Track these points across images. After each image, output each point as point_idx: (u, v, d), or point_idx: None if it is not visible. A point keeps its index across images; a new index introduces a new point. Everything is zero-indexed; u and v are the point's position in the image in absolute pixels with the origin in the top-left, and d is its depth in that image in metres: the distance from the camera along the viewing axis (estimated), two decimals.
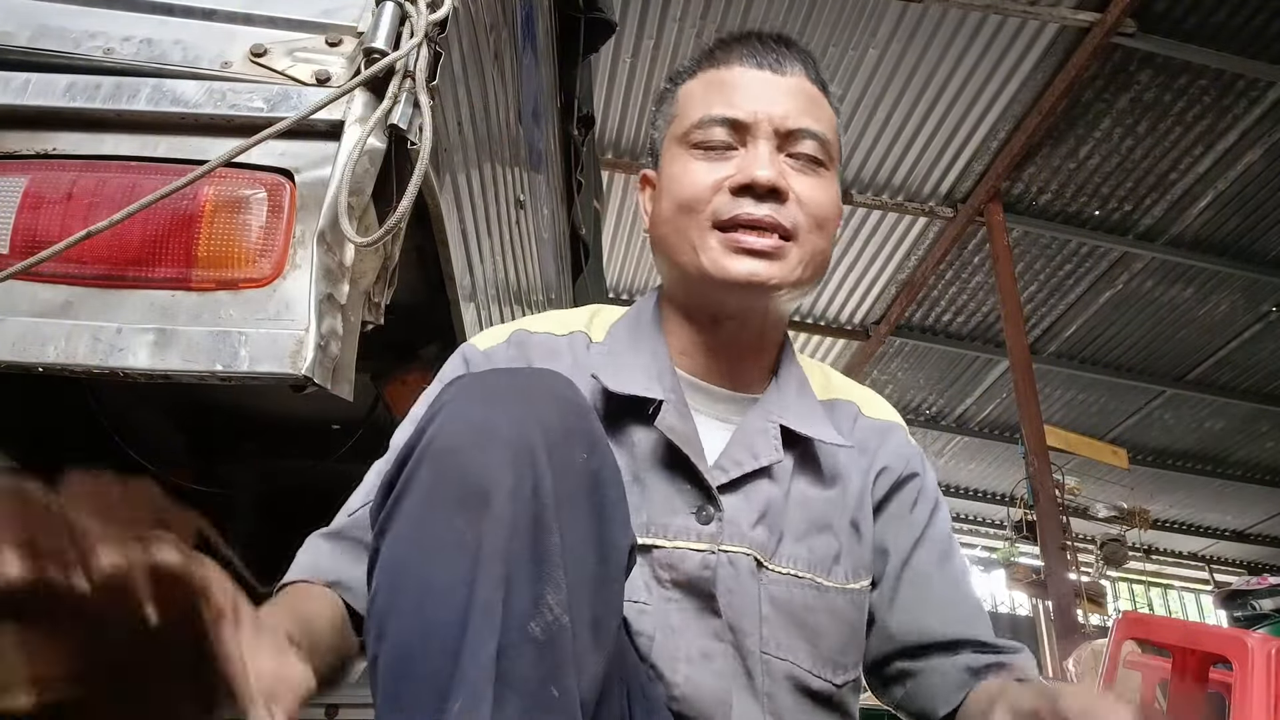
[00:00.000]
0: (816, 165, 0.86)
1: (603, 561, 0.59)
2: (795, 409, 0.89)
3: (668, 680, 0.77)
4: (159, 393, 1.44)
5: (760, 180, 0.82)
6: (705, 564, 0.80)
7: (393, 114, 0.83)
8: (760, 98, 0.86)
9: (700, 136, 0.86)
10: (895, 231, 7.22)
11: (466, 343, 0.94)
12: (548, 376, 0.65)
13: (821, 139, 0.86)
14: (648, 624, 0.78)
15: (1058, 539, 6.03)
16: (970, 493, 11.41)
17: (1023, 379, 6.47)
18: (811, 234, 0.85)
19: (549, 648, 0.53)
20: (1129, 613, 3.54)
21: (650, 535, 0.81)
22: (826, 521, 0.87)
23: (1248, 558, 12.41)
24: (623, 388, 0.84)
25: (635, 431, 0.85)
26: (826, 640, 0.83)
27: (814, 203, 0.85)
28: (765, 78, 0.87)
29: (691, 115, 0.88)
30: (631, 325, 0.94)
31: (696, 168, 0.86)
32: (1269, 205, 6.51)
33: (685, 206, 0.85)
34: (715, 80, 0.89)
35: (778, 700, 0.80)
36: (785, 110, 0.85)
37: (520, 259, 1.84)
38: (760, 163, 0.83)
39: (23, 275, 0.75)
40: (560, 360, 0.89)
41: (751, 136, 0.85)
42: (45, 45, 0.85)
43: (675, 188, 0.87)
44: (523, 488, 0.55)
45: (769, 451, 0.84)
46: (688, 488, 0.82)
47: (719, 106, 0.86)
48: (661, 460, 0.84)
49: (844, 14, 5.45)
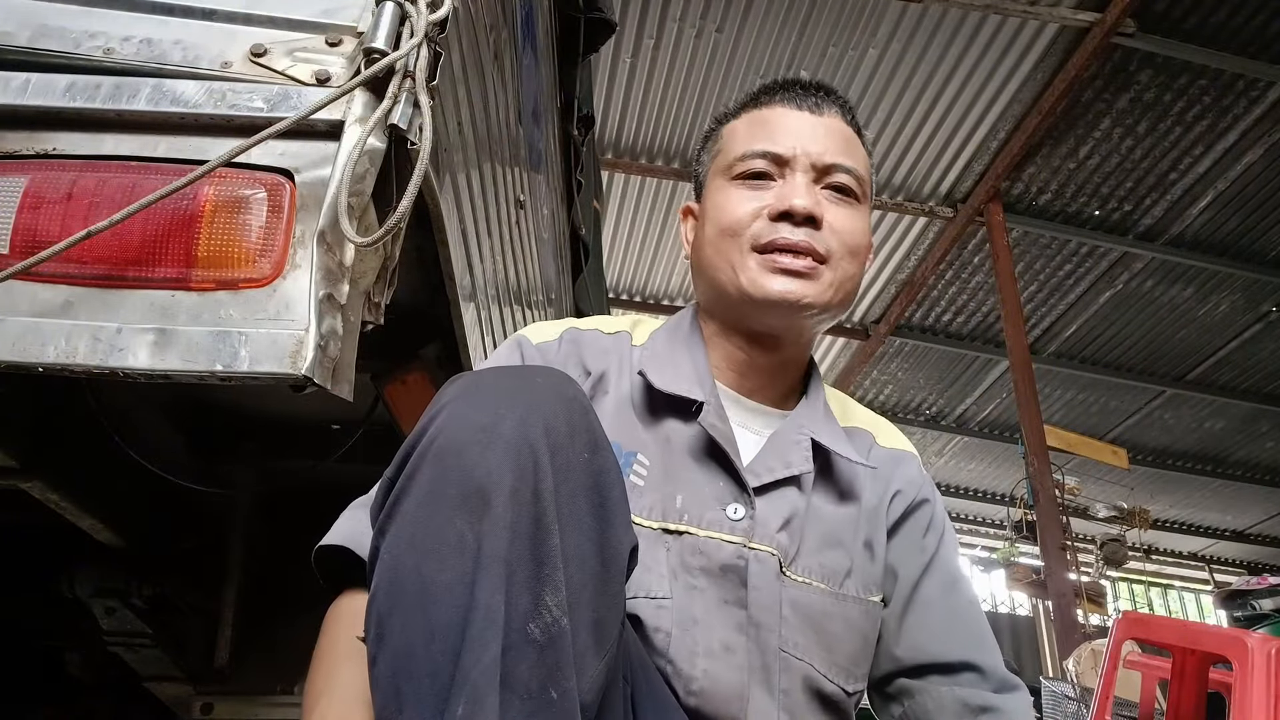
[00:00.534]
0: (850, 197, 0.92)
1: (604, 562, 0.60)
2: (824, 426, 0.93)
3: (685, 675, 0.78)
4: (159, 393, 1.44)
5: (797, 208, 0.88)
6: (739, 554, 0.82)
7: (393, 114, 0.82)
8: (799, 134, 0.93)
9: (743, 168, 0.93)
10: (895, 231, 7.22)
11: (520, 333, 0.98)
12: (551, 375, 0.65)
13: (855, 174, 0.93)
14: (666, 619, 0.79)
15: (1058, 539, 6.03)
16: (970, 493, 11.42)
17: (1023, 379, 6.47)
18: (843, 260, 0.90)
19: (548, 649, 0.53)
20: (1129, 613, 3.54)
21: (684, 522, 0.83)
22: (839, 538, 0.89)
23: (1248, 558, 12.42)
24: (668, 386, 0.89)
25: (672, 426, 0.89)
26: (841, 647, 0.85)
27: (846, 231, 0.91)
28: (804, 117, 0.94)
29: (735, 150, 0.95)
30: (671, 334, 0.99)
31: (739, 196, 0.92)
32: (1269, 205, 6.51)
33: (727, 230, 0.91)
34: (758, 119, 0.96)
35: (793, 698, 0.81)
36: (822, 147, 0.92)
37: (520, 259, 1.84)
38: (798, 192, 0.89)
39: (23, 275, 0.75)
40: (609, 357, 0.94)
41: (790, 169, 0.91)
42: (45, 45, 0.85)
43: (718, 214, 0.93)
44: (524, 489, 0.55)
45: (800, 462, 0.88)
46: (722, 484, 0.86)
47: (761, 141, 0.93)
48: (698, 455, 0.87)
49: (844, 14, 5.45)
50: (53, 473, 1.20)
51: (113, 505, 1.38)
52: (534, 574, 0.54)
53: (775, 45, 5.68)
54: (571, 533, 0.57)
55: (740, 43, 5.69)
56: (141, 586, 1.54)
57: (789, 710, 0.81)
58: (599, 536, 0.59)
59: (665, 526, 0.82)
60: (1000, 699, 0.86)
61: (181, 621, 1.66)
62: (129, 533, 1.43)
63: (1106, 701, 2.71)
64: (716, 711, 0.78)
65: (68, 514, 1.29)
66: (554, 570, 0.55)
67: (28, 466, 1.15)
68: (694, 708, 0.77)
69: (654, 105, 6.25)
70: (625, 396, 0.91)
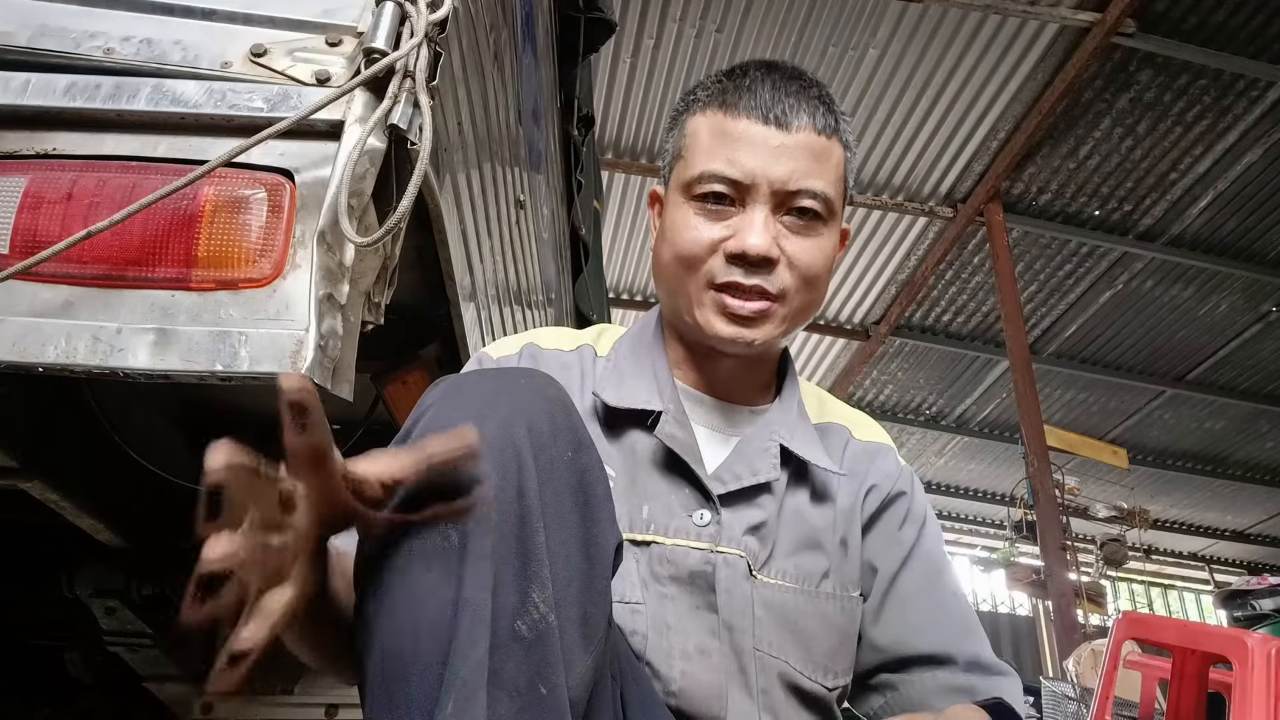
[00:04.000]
0: (815, 221, 0.87)
1: (590, 559, 0.60)
2: (796, 430, 0.92)
3: (664, 677, 0.79)
4: (159, 393, 1.44)
5: (751, 251, 0.84)
6: (706, 560, 0.82)
7: (393, 114, 0.83)
8: (762, 158, 0.85)
9: (701, 189, 0.87)
10: (895, 231, 7.22)
11: (483, 350, 0.97)
12: (534, 376, 0.65)
13: (821, 196, 0.86)
14: (641, 623, 0.80)
15: (1058, 539, 6.03)
16: (970, 493, 11.41)
17: (1022, 379, 6.47)
18: (799, 293, 0.88)
19: (536, 646, 0.53)
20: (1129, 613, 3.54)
21: (651, 532, 0.83)
22: (816, 540, 0.89)
23: (1248, 558, 12.41)
24: (622, 402, 0.88)
25: (636, 437, 0.88)
26: (817, 644, 0.85)
27: (804, 264, 0.87)
28: (770, 135, 0.86)
29: (695, 165, 0.88)
30: (635, 339, 0.97)
31: (696, 224, 0.87)
32: (1269, 205, 6.51)
33: (684, 262, 0.88)
34: (722, 130, 0.88)
35: (772, 696, 0.82)
36: (787, 171, 0.85)
37: (520, 259, 1.84)
38: (754, 230, 0.84)
39: (23, 275, 0.75)
40: (570, 373, 0.93)
41: (750, 198, 0.86)
42: (45, 45, 0.85)
43: (676, 239, 0.89)
44: (508, 488, 0.55)
45: (768, 469, 0.88)
46: (686, 492, 0.86)
47: (720, 163, 0.86)
48: (661, 465, 0.87)
49: (844, 14, 5.45)
50: (53, 473, 1.20)
51: (113, 505, 1.38)
52: (520, 571, 0.54)
53: (775, 45, 5.67)
54: (556, 530, 0.58)
55: (740, 43, 5.69)
56: (141, 586, 1.54)
57: (770, 709, 0.81)
58: (584, 534, 0.60)
59: (633, 538, 0.82)
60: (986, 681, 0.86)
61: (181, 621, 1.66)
62: (129, 533, 1.43)
63: (1106, 701, 2.71)
64: (697, 711, 0.78)
65: (68, 514, 1.29)
66: (540, 567, 0.55)
67: (28, 466, 1.15)
68: (675, 708, 0.78)
69: (654, 105, 6.25)
70: (589, 410, 0.90)
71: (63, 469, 1.22)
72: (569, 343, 0.97)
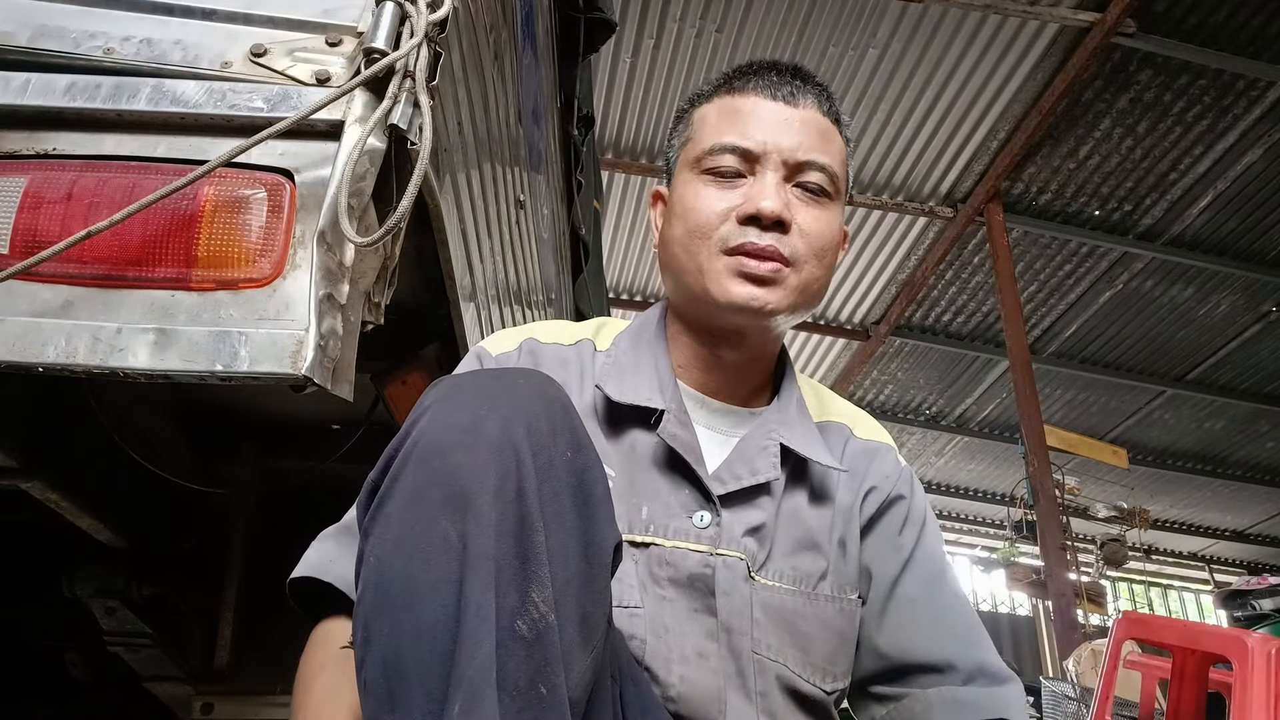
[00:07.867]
0: (821, 196, 0.89)
1: (589, 559, 0.60)
2: (795, 428, 0.91)
3: (663, 681, 0.78)
4: (159, 393, 1.44)
5: (765, 211, 0.85)
6: (705, 563, 0.82)
7: (393, 114, 0.82)
8: (772, 128, 0.88)
9: (712, 163, 0.89)
10: (895, 231, 7.22)
11: (480, 344, 0.96)
12: (532, 376, 0.65)
13: (829, 171, 0.89)
14: (639, 627, 0.79)
15: (1058, 539, 6.03)
16: (970, 493, 11.41)
17: (1022, 379, 6.47)
18: (809, 263, 0.87)
19: (536, 646, 0.53)
20: (1129, 613, 3.54)
21: (650, 534, 0.83)
22: (814, 540, 0.88)
23: (1248, 558, 12.42)
24: (624, 397, 0.87)
25: (636, 436, 0.88)
26: (816, 647, 0.85)
27: (815, 233, 0.87)
28: (778, 109, 0.89)
29: (704, 141, 0.90)
30: (635, 336, 0.97)
31: (707, 194, 0.88)
32: (1269, 205, 6.51)
33: (695, 232, 0.88)
34: (729, 108, 0.91)
35: (771, 700, 0.81)
36: (795, 142, 0.87)
37: (520, 259, 1.84)
38: (766, 194, 0.85)
39: (23, 275, 0.75)
40: (569, 368, 0.92)
41: (761, 166, 0.87)
42: (45, 45, 0.85)
43: (687, 213, 0.89)
44: (507, 488, 0.55)
45: (767, 469, 0.87)
46: (686, 493, 0.85)
47: (731, 135, 0.88)
48: (661, 465, 0.86)
49: (844, 14, 5.46)
50: (53, 473, 1.20)
51: (113, 505, 1.38)
52: (520, 571, 0.54)
53: (775, 45, 5.68)
54: (556, 530, 0.58)
55: (740, 43, 5.69)
56: (141, 586, 1.54)
57: (768, 712, 0.81)
58: (583, 533, 0.60)
59: (632, 539, 0.82)
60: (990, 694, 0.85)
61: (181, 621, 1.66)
62: (129, 533, 1.43)
63: (1106, 701, 2.71)
64: (696, 715, 0.78)
65: (68, 514, 1.29)
66: (540, 567, 0.55)
67: (28, 466, 1.15)
68: (674, 712, 0.78)
69: (654, 105, 6.25)
70: (588, 407, 0.89)
71: (63, 469, 1.22)
72: (568, 337, 0.97)
